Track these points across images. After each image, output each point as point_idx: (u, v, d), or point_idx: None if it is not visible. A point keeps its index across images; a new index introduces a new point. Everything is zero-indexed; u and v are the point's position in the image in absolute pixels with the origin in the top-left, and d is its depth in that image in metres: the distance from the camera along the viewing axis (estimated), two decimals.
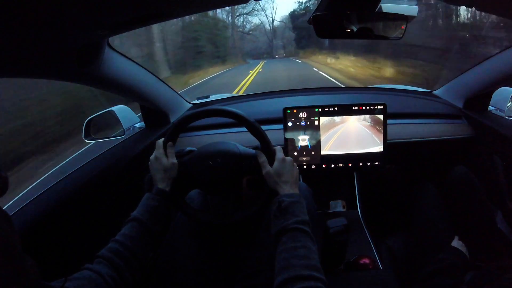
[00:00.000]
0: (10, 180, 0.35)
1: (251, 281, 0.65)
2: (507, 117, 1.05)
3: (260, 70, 14.31)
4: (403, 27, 0.69)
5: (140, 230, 0.58)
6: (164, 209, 0.63)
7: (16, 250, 0.33)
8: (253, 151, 0.69)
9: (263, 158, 0.65)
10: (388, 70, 8.06)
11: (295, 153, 1.03)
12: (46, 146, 3.88)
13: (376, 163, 1.05)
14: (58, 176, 0.78)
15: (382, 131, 1.02)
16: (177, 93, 1.21)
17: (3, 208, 0.34)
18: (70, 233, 0.70)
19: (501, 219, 0.94)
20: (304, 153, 1.04)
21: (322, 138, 1.03)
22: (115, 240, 0.55)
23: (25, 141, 3.70)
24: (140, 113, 1.13)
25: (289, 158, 0.65)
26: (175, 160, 0.67)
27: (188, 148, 0.75)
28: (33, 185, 2.78)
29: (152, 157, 0.67)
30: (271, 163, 0.64)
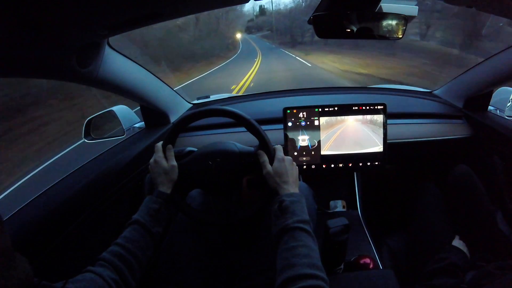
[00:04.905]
0: None
1: (252, 281, 0.65)
2: (507, 117, 1.05)
3: None
4: (404, 27, 0.70)
5: (142, 233, 0.58)
6: (165, 211, 0.63)
7: (5, 245, 0.33)
8: (251, 148, 0.70)
9: (263, 158, 0.65)
10: None
11: (295, 153, 1.03)
12: None
13: (376, 163, 1.05)
14: (52, 172, 0.77)
15: (382, 131, 1.02)
16: (177, 93, 1.21)
17: None
18: (71, 236, 0.70)
19: (501, 219, 0.94)
20: (304, 153, 1.03)
21: (322, 138, 1.03)
22: (117, 243, 0.55)
23: None
24: (139, 110, 1.12)
25: (288, 158, 0.65)
26: (175, 163, 0.67)
27: (188, 149, 0.75)
28: (24, 179, 2.75)
29: (151, 160, 0.67)
30: (271, 162, 0.64)
